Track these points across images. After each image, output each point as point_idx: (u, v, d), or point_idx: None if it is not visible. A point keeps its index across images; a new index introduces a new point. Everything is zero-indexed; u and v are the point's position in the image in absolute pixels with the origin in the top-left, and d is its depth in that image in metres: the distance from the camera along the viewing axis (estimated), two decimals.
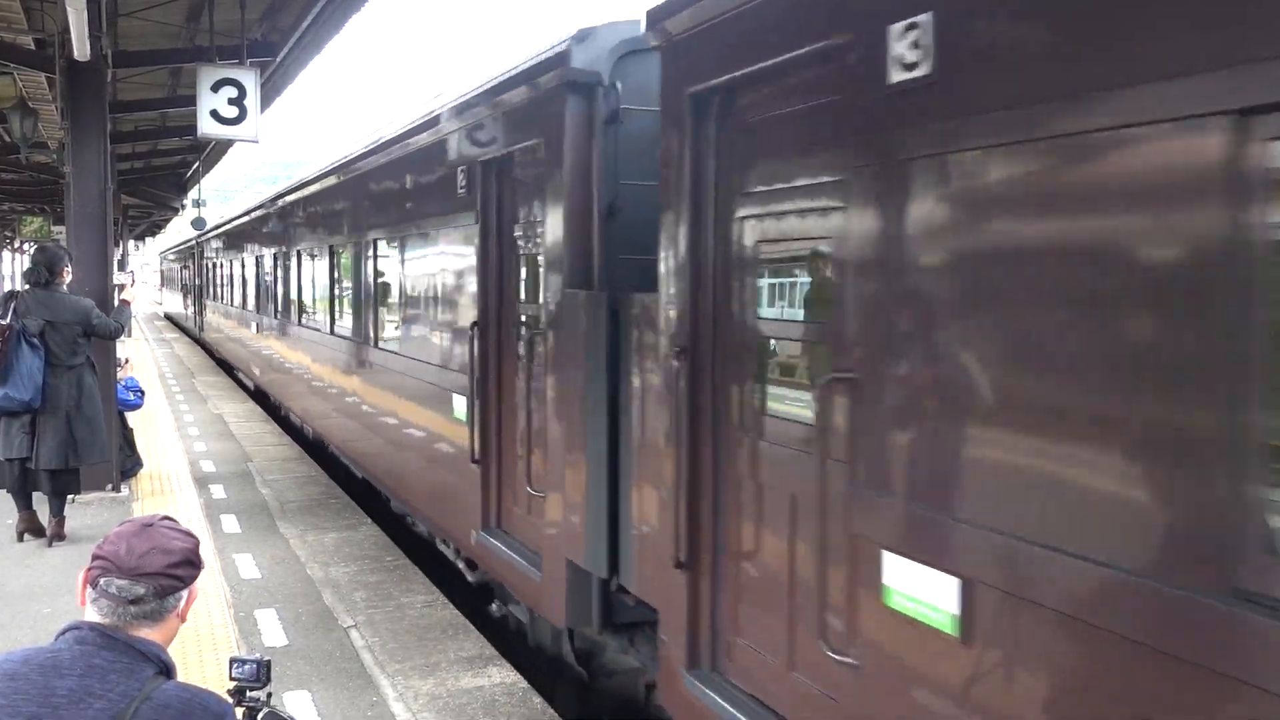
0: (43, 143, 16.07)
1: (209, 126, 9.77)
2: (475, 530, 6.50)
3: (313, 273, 12.44)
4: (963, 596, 2.78)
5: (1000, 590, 2.67)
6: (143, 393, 10.69)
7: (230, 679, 2.62)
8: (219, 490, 10.30)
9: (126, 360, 11.18)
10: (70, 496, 8.44)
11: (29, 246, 31.30)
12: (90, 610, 2.25)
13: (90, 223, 9.56)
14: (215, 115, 9.72)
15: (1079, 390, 2.47)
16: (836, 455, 3.32)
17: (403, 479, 8.51)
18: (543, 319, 5.54)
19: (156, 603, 2.25)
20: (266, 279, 15.92)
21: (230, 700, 2.47)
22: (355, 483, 10.74)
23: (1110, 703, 2.38)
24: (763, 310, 3.89)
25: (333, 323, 11.12)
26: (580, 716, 5.79)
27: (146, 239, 56.27)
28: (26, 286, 8.21)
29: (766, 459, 3.83)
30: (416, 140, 7.69)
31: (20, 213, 32.87)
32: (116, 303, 9.14)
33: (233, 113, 9.74)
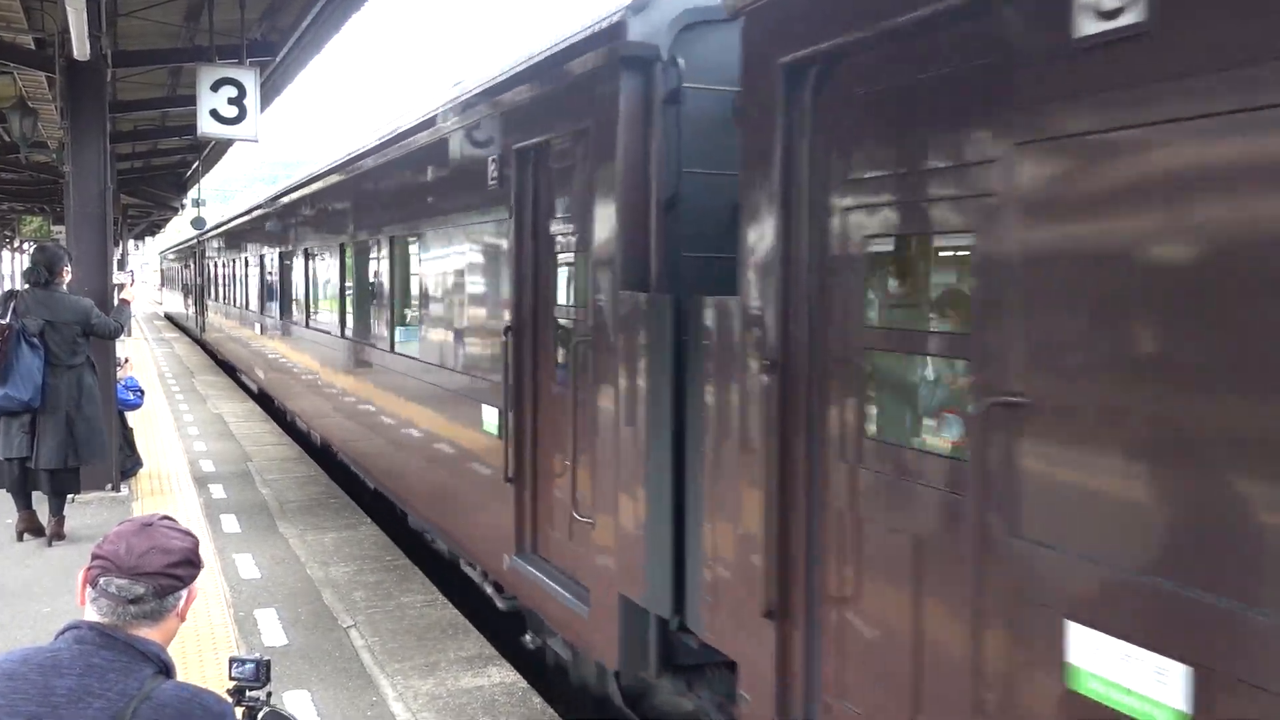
0: (42, 142, 16.07)
1: (209, 126, 9.77)
2: (508, 555, 5.97)
3: (321, 272, 12.01)
4: (1194, 688, 2.25)
5: (1247, 683, 2.16)
6: (142, 392, 10.70)
7: (230, 679, 2.62)
8: (219, 490, 10.30)
9: (126, 360, 11.17)
10: (70, 496, 8.43)
11: (28, 246, 31.28)
12: (90, 610, 2.24)
13: (90, 222, 9.57)
14: (215, 115, 9.72)
15: None
16: (995, 496, 2.75)
17: (421, 493, 7.99)
18: (590, 324, 5.01)
19: (156, 602, 2.25)
20: (272, 279, 15.49)
21: (230, 700, 2.47)
22: (356, 484, 10.74)
23: None
24: (875, 316, 3.37)
25: (343, 325, 10.68)
26: (580, 716, 5.78)
27: (146, 239, 56.26)
28: (26, 286, 8.21)
29: (881, 495, 3.28)
30: (440, 129, 7.16)
31: (20, 212, 32.85)
32: (116, 302, 9.14)
33: (232, 112, 9.74)
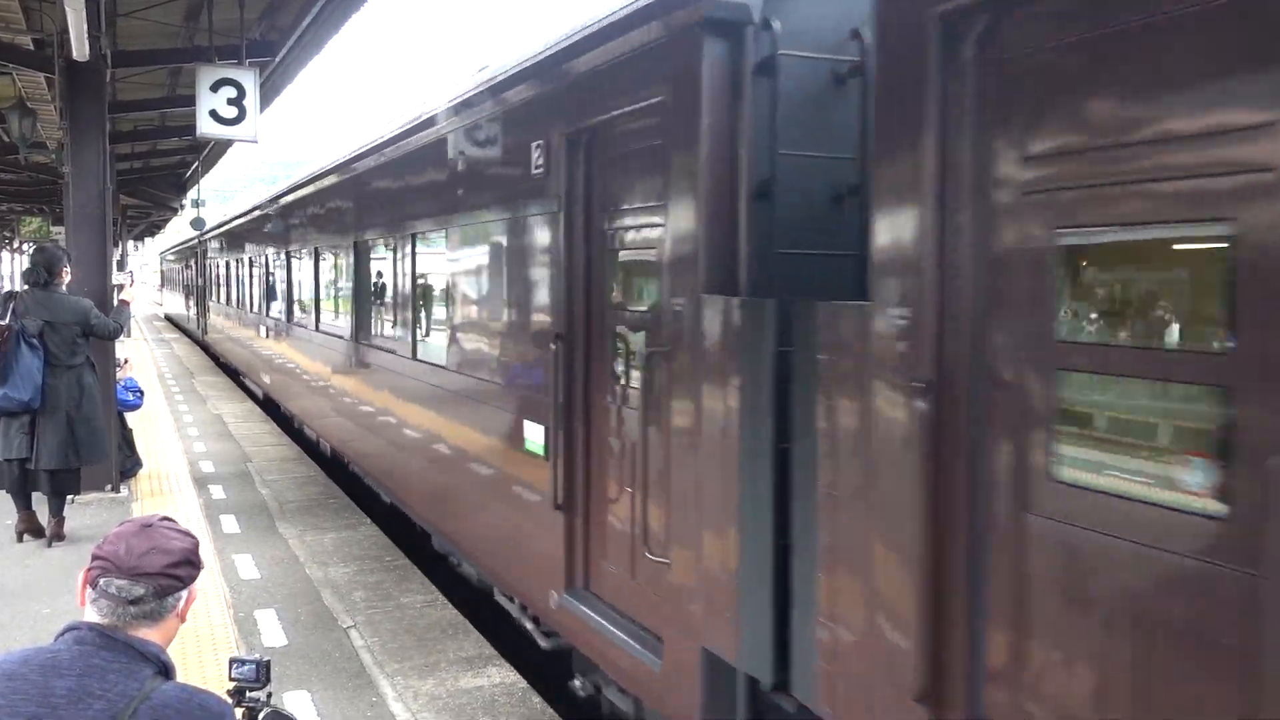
0: (41, 143, 16.08)
1: (208, 126, 9.77)
2: (556, 591, 5.33)
3: (333, 272, 11.42)
4: None
5: None
6: (142, 393, 10.70)
7: (230, 679, 2.62)
8: (218, 490, 10.30)
9: (126, 360, 11.18)
10: (70, 497, 8.44)
11: (28, 247, 31.29)
12: (90, 610, 2.24)
13: (89, 223, 9.57)
14: (214, 115, 9.71)
15: None
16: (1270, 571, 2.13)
17: (449, 515, 7.27)
18: (664, 332, 4.37)
19: (156, 603, 2.25)
20: (279, 280, 14.91)
21: (230, 700, 2.47)
22: (355, 485, 10.74)
23: None
24: (1072, 326, 2.68)
25: (356, 329, 10.00)
26: (581, 716, 5.78)
27: (146, 239, 56.25)
28: (25, 287, 8.21)
29: (1083, 557, 2.59)
30: (472, 114, 6.51)
31: (19, 213, 32.85)
32: (115, 303, 9.14)
33: (232, 113, 9.74)
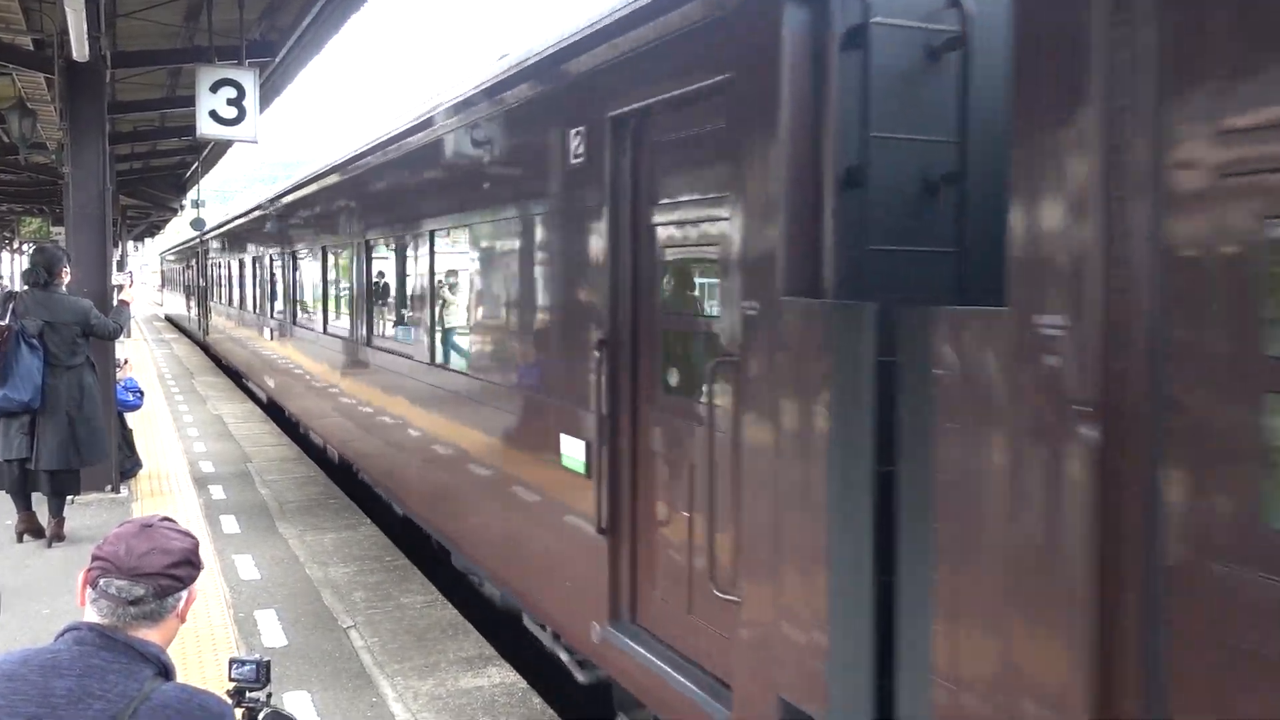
0: (41, 143, 16.08)
1: (208, 127, 9.76)
2: (598, 623, 4.88)
3: (342, 273, 10.93)
4: None
5: None
6: (141, 393, 10.70)
7: (230, 680, 2.62)
8: (218, 491, 10.30)
9: (125, 361, 11.18)
10: (70, 497, 8.44)
11: (28, 247, 31.30)
12: (90, 611, 2.25)
13: (89, 223, 9.57)
14: (214, 116, 9.71)
15: None
16: None
17: (470, 533, 6.79)
18: (734, 339, 3.90)
19: (156, 603, 2.25)
20: (284, 280, 14.52)
21: (230, 701, 2.48)
22: (354, 485, 10.74)
23: None
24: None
25: (368, 332, 9.54)
26: (580, 716, 5.78)
27: (145, 239, 56.25)
28: (25, 287, 8.22)
29: None
30: (500, 100, 6.02)
31: (19, 213, 32.87)
32: (115, 303, 9.14)
33: (232, 113, 9.73)
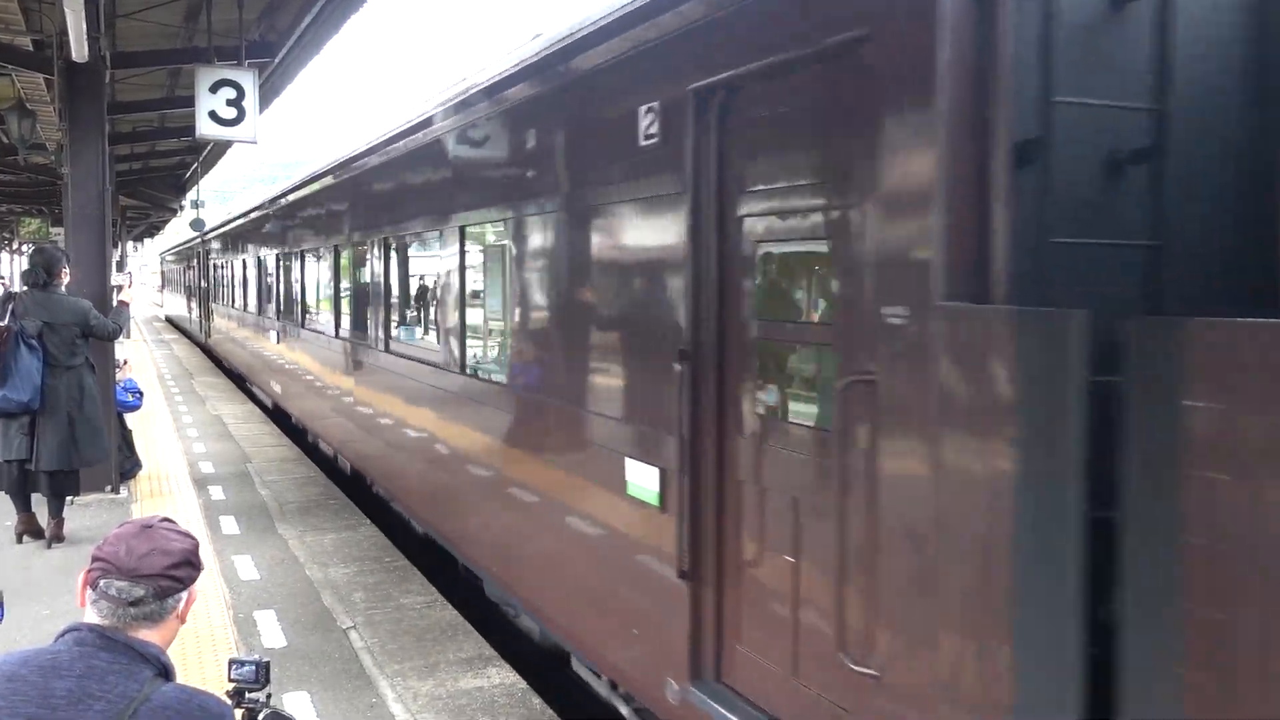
0: (41, 144, 16.08)
1: (207, 128, 9.76)
2: (675, 681, 4.28)
3: (357, 273, 10.40)
4: None
5: None
6: (141, 394, 10.69)
7: (229, 680, 2.62)
8: (218, 491, 10.29)
9: (125, 361, 11.18)
10: (69, 498, 8.44)
11: (27, 248, 31.30)
12: (90, 612, 2.25)
13: (88, 224, 9.57)
14: (214, 116, 9.71)
15: None
16: None
17: (510, 563, 6.16)
18: (868, 351, 3.23)
19: (156, 604, 2.25)
20: (292, 280, 13.86)
21: (229, 702, 2.48)
22: (355, 485, 10.74)
23: None
24: None
25: (387, 336, 8.88)
26: (580, 715, 5.78)
27: (145, 240, 56.22)
28: (24, 288, 8.22)
29: None
30: (554, 75, 5.33)
31: (18, 214, 32.87)
32: (115, 304, 9.14)
33: (231, 114, 9.73)
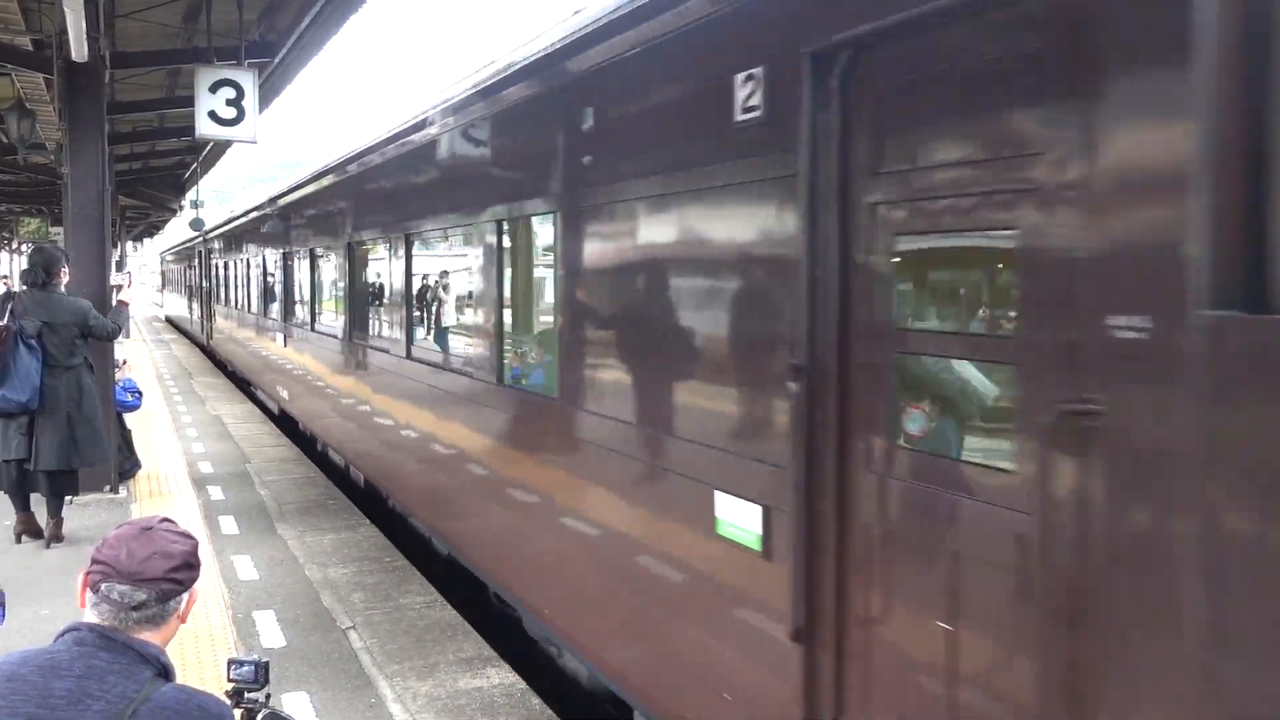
0: (40, 144, 16.07)
1: (207, 128, 9.76)
2: None
3: (373, 272, 9.93)
4: None
5: None
6: (140, 394, 10.69)
7: (228, 680, 2.61)
8: (217, 491, 10.29)
9: (124, 361, 11.17)
10: (68, 498, 8.44)
11: (26, 248, 31.29)
12: (90, 613, 2.25)
13: (88, 224, 9.57)
14: (213, 116, 9.70)
15: None
16: None
17: (566, 603, 5.49)
18: (1092, 373, 2.57)
19: (159, 607, 2.25)
20: (301, 280, 13.14)
21: (229, 702, 2.47)
22: (353, 485, 10.73)
23: None
24: None
25: (408, 342, 8.29)
26: (581, 716, 5.78)
27: (145, 240, 56.19)
28: (23, 287, 8.21)
29: None
30: (629, 39, 4.58)
31: (18, 214, 32.86)
32: (114, 304, 9.14)
33: (231, 114, 9.73)
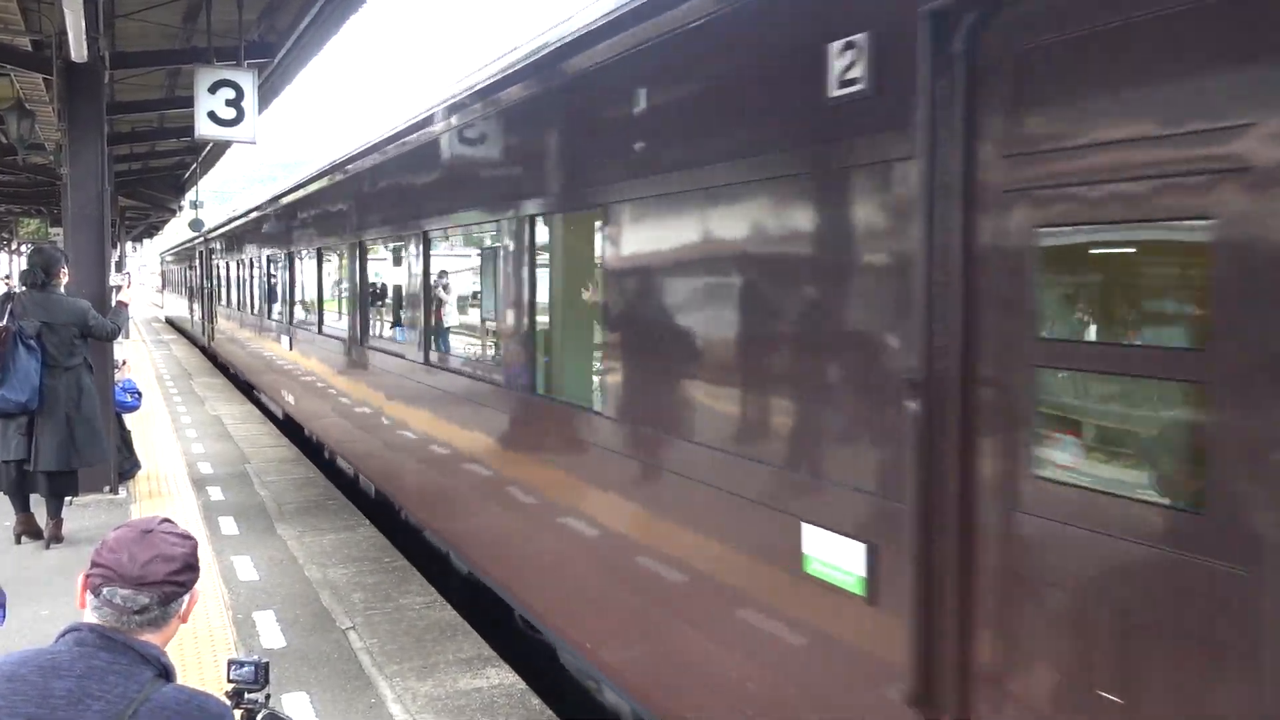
0: (40, 144, 16.07)
1: (206, 128, 9.76)
2: None
3: (386, 273, 9.24)
4: None
5: None
6: (140, 394, 10.68)
7: (228, 681, 2.62)
8: (217, 492, 10.29)
9: (124, 362, 11.17)
10: (68, 498, 8.43)
11: (26, 248, 31.28)
12: (91, 615, 2.24)
13: (87, 224, 9.57)
14: (213, 117, 9.70)
15: None
16: None
17: (610, 635, 4.95)
18: None
19: (160, 610, 2.26)
20: (308, 281, 12.48)
21: (228, 702, 2.48)
22: (353, 486, 10.73)
23: None
24: None
25: (427, 346, 7.72)
26: (580, 716, 5.78)
27: (144, 240, 56.16)
28: (23, 288, 8.21)
29: None
30: (694, 7, 4.05)
31: (17, 214, 32.86)
32: (113, 304, 9.14)
33: (230, 114, 9.73)
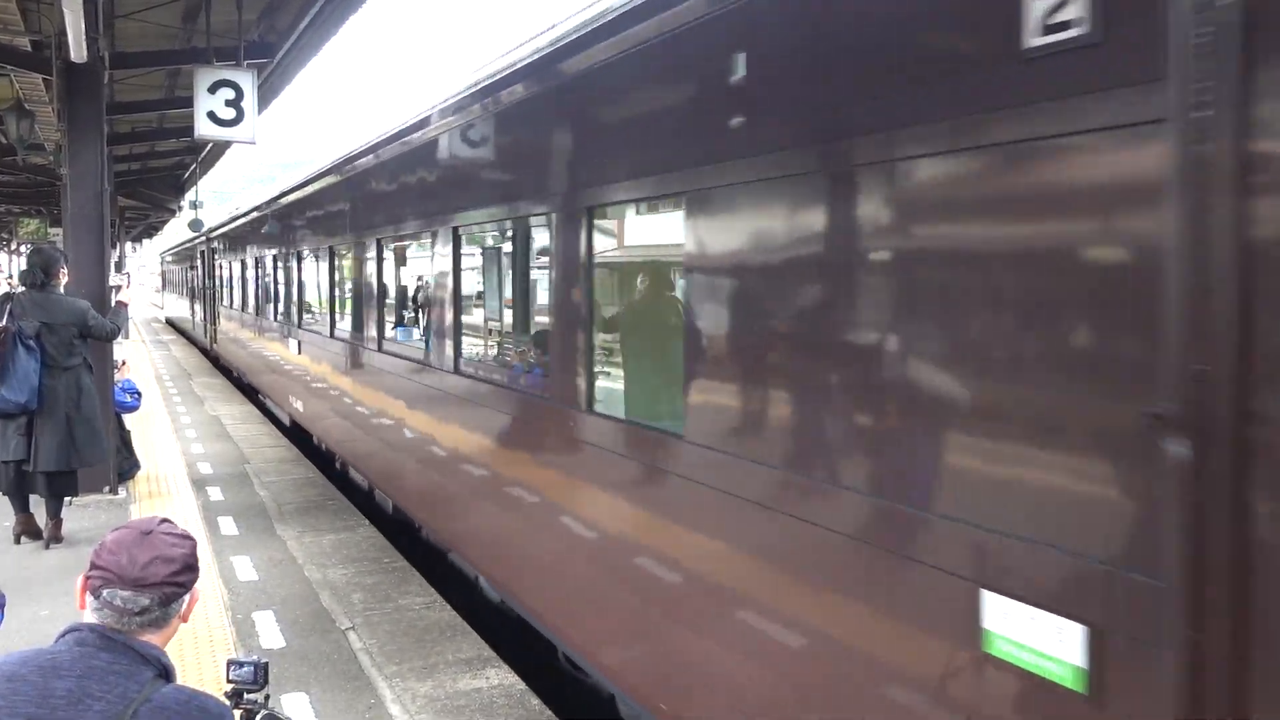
0: (39, 144, 16.06)
1: (206, 128, 9.75)
2: None
3: (404, 273, 8.77)
4: None
5: None
6: (139, 394, 10.68)
7: (228, 681, 2.62)
8: (216, 492, 10.29)
9: (124, 362, 11.17)
10: (67, 499, 8.43)
11: (25, 248, 31.28)
12: (91, 616, 2.25)
13: (87, 224, 9.57)
14: (212, 117, 9.70)
15: None
16: None
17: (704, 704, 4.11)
18: None
19: (161, 610, 2.26)
20: (319, 282, 11.94)
21: (228, 703, 2.48)
22: (353, 485, 10.73)
23: None
24: None
25: (456, 356, 6.98)
26: (580, 716, 5.78)
27: (144, 240, 56.13)
28: (22, 288, 8.21)
29: None
30: None
31: (17, 214, 32.85)
32: (113, 304, 9.14)
33: (230, 114, 9.72)
